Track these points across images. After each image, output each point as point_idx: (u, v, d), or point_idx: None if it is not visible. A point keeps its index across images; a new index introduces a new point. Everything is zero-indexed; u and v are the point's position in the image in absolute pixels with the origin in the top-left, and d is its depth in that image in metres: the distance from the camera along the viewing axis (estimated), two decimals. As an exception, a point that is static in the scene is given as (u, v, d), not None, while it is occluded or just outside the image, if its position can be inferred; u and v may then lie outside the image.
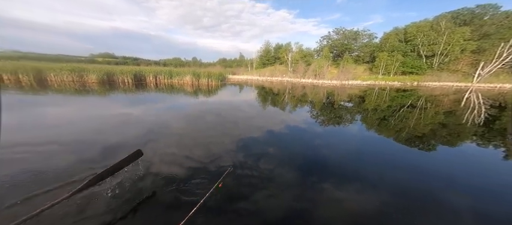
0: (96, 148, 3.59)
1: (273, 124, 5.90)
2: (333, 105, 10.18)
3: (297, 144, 4.51)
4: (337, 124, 6.46)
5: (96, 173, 2.22)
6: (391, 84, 25.60)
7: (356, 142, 4.95)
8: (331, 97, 13.22)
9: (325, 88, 18.62)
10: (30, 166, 2.88)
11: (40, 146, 3.56)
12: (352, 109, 9.18)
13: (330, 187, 2.85)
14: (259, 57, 39.19)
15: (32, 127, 4.74)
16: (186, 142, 4.14)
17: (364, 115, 8.11)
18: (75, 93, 9.85)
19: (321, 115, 7.76)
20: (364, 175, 3.32)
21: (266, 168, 3.24)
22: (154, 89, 12.75)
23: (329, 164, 3.60)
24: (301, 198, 2.54)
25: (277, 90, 16.34)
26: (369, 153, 4.29)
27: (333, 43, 37.29)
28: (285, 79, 27.43)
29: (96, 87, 12.06)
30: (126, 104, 8.09)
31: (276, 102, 10.66)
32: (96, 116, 5.93)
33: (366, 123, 6.83)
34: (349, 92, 16.47)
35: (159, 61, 53.62)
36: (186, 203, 2.25)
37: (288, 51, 32.92)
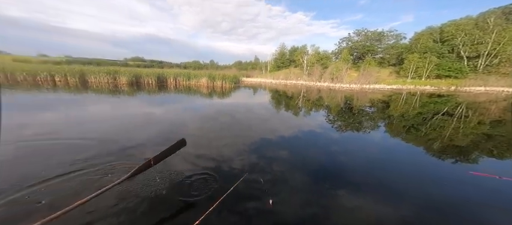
0: (123, 142, 3.91)
1: (286, 128, 5.73)
2: (351, 109, 9.50)
3: (311, 149, 4.29)
4: (356, 130, 5.98)
5: (144, 161, 2.20)
6: (422, 88, 22.94)
7: (378, 149, 4.50)
8: (350, 101, 12.38)
9: (342, 92, 17.56)
10: (82, 154, 3.30)
11: (84, 139, 4.05)
12: (374, 115, 8.42)
13: (345, 195, 2.65)
14: (274, 60, 39.11)
15: (78, 122, 5.46)
16: (201, 142, 4.25)
17: (388, 121, 7.36)
18: (109, 93, 11.15)
19: (338, 120, 7.29)
20: (385, 184, 2.99)
21: (278, 171, 3.15)
22: (173, 90, 13.64)
23: (345, 171, 3.36)
24: (313, 204, 2.43)
25: (291, 93, 15.99)
26: (393, 162, 3.85)
27: (353, 45, 35.23)
28: (299, 82, 26.76)
29: (126, 88, 13.48)
30: (150, 104, 8.76)
31: (290, 105, 10.41)
32: (124, 115, 6.53)
33: (390, 130, 6.17)
34: (371, 97, 15.23)
35: (180, 64, 57.44)
36: (198, 204, 2.28)
37: (303, 54, 32.19)
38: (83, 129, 4.70)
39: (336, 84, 24.31)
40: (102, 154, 3.33)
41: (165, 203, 2.29)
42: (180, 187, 2.59)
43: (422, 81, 25.65)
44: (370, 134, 5.61)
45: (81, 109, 7.02)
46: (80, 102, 8.23)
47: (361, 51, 34.21)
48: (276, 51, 39.68)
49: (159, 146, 3.58)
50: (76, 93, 10.47)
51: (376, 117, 8.05)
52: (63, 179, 2.59)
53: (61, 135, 4.17)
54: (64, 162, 2.99)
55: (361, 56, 34.73)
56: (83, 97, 9.35)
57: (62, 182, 2.52)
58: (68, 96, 9.43)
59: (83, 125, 5.11)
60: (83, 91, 10.87)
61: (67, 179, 2.60)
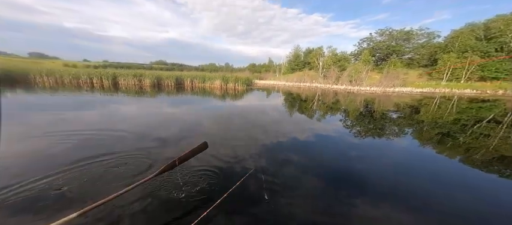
0: (145, 138, 4.21)
1: (300, 131, 5.51)
2: (372, 114, 8.74)
3: (326, 153, 4.07)
4: (378, 136, 5.45)
5: (170, 160, 2.31)
6: (460, 92, 20.06)
7: (404, 158, 4.04)
8: (371, 105, 11.41)
9: (362, 96, 16.32)
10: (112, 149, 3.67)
11: (121, 137, 4.49)
12: (400, 121, 7.58)
13: (364, 204, 2.42)
14: (288, 62, 38.58)
15: (110, 120, 6.13)
16: (214, 140, 4.33)
17: (418, 128, 6.56)
18: (135, 94, 12.29)
19: (357, 125, 6.76)
20: (413, 196, 2.64)
21: (290, 175, 3.04)
22: (190, 92, 14.39)
23: (365, 179, 3.07)
24: (327, 210, 2.27)
25: (305, 96, 15.45)
26: (423, 172, 3.38)
27: (375, 45, 32.76)
28: (313, 85, 25.78)
29: (149, 89, 14.73)
30: (169, 105, 9.31)
31: (304, 108, 10.03)
32: (147, 114, 7.02)
33: (420, 138, 5.46)
34: (396, 100, 13.83)
35: (198, 67, 60.59)
36: (205, 200, 2.30)
37: (319, 56, 31.05)
38: (112, 126, 5.19)
39: (354, 86, 22.74)
40: (126, 148, 3.62)
41: (175, 200, 2.33)
42: (194, 183, 2.62)
43: (461, 84, 22.42)
44: (395, 141, 5.06)
45: (112, 108, 7.85)
46: (112, 101, 9.21)
47: (384, 51, 31.59)
48: (290, 53, 39.08)
49: (176, 142, 4.00)
50: (108, 94, 11.78)
51: (402, 123, 7.23)
52: (88, 168, 2.86)
53: (92, 129, 4.66)
54: (93, 154, 3.32)
55: (384, 57, 32.07)
56: (114, 98, 10.44)
57: (87, 172, 2.79)
58: (103, 97, 10.64)
59: (112, 122, 5.67)
60: (114, 93, 12.19)
61: (93, 168, 2.86)
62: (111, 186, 2.47)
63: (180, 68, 53.96)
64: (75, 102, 8.53)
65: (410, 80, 24.58)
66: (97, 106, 7.83)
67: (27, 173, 2.64)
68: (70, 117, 5.88)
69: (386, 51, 31.29)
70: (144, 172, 2.83)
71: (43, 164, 2.92)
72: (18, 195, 2.25)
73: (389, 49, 30.88)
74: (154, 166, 3.01)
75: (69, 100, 8.92)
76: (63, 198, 2.26)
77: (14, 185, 2.40)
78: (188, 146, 2.55)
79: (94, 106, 7.91)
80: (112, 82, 16.07)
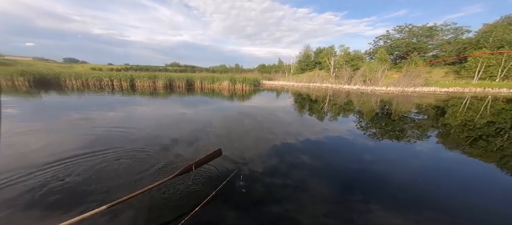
0: (147, 139, 4.40)
1: (308, 133, 5.29)
2: (390, 115, 8.12)
3: (337, 156, 3.86)
4: (396, 139, 5.04)
5: (186, 164, 2.46)
6: (494, 91, 17.81)
7: (426, 162, 3.66)
8: (388, 106, 10.64)
9: (377, 96, 15.30)
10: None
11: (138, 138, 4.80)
12: (423, 123, 6.94)
13: (380, 210, 2.23)
14: (298, 62, 37.85)
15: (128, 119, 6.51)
16: (221, 141, 4.40)
17: (444, 131, 5.94)
18: (150, 95, 12.99)
19: (372, 127, 6.32)
20: (438, 203, 2.36)
21: (299, 177, 2.93)
22: (200, 92, 14.82)
23: (381, 184, 2.85)
24: (337, 215, 2.14)
25: (315, 96, 14.94)
26: (449, 178, 3.01)
27: (393, 43, 30.71)
28: (324, 85, 24.86)
29: (162, 90, 15.47)
30: (180, 105, 9.67)
31: (314, 109, 9.68)
32: (159, 115, 7.33)
33: (446, 141, 4.93)
34: (417, 101, 12.74)
35: (209, 68, 62.32)
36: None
37: (330, 55, 29.96)
38: (131, 125, 5.48)
39: (368, 86, 21.42)
40: (143, 146, 3.79)
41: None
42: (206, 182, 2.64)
43: (497, 83, 19.93)
44: (416, 145, 4.62)
45: (131, 108, 8.33)
46: (131, 102, 9.81)
47: (404, 49, 29.44)
48: (300, 53, 38.34)
49: (189, 142, 4.13)
50: (127, 95, 12.60)
51: (425, 125, 6.59)
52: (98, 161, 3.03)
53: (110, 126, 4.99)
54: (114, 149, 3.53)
55: (404, 55, 29.84)
56: (132, 99, 11.11)
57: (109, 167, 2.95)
58: (123, 98, 11.40)
59: (130, 121, 5.99)
60: (132, 93, 13.01)
61: (104, 161, 3.02)
62: (133, 182, 2.58)
63: (193, 69, 55.95)
64: (99, 103, 9.24)
65: (434, 79, 22.54)
66: (119, 106, 8.34)
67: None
68: (96, 115, 6.32)
69: (406, 49, 29.12)
70: (157, 169, 2.92)
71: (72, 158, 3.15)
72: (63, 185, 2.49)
73: (409, 47, 28.69)
74: (169, 164, 3.09)
75: (94, 101, 9.70)
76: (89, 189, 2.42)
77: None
78: (200, 147, 2.58)
79: (116, 106, 8.44)
80: (130, 84, 17.19)
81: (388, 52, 29.48)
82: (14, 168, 2.78)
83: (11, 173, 2.65)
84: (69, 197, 2.26)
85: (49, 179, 2.57)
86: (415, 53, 27.28)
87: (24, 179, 2.55)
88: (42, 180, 2.54)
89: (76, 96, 10.80)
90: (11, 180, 2.52)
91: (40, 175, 2.66)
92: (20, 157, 3.18)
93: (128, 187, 2.45)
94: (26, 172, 2.69)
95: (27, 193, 2.29)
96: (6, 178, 2.56)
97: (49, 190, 2.36)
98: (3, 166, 2.86)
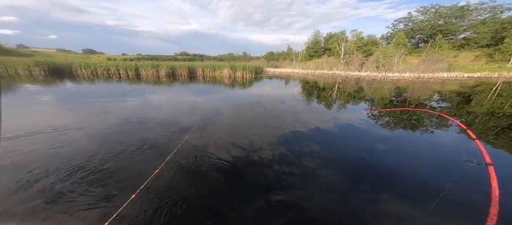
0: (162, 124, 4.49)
1: (318, 121, 5.01)
2: (404, 103, 7.38)
3: (347, 145, 3.63)
4: (411, 128, 4.56)
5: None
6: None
7: (445, 153, 3.32)
8: (404, 93, 9.71)
9: (391, 83, 13.93)
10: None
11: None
12: (443, 111, 6.18)
13: (391, 200, 2.16)
14: (306, 49, 35.68)
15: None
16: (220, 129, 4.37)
17: (466, 120, 5.25)
18: (153, 83, 13.16)
19: (385, 115, 5.80)
20: (451, 199, 2.12)
21: (307, 165, 2.80)
22: (202, 81, 14.74)
23: (395, 174, 2.69)
24: (346, 204, 2.10)
25: (323, 84, 14.09)
26: (468, 171, 2.66)
27: (415, 25, 27.16)
28: (331, 72, 23.28)
29: (164, 79, 15.65)
30: (183, 94, 9.71)
31: (321, 97, 9.15)
32: (163, 102, 7.40)
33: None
34: (439, 88, 11.40)
35: (216, 57, 61.73)
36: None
37: (340, 41, 27.62)
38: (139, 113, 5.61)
39: (380, 73, 19.56)
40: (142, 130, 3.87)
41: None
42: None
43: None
44: (433, 135, 4.17)
45: (140, 97, 8.44)
46: (139, 91, 9.94)
47: (428, 32, 25.94)
48: (309, 40, 35.98)
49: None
50: (133, 83, 12.87)
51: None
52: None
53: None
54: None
55: (427, 39, 26.40)
56: (139, 87, 11.28)
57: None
58: (130, 87, 11.68)
59: (139, 110, 6.11)
60: (137, 82, 13.28)
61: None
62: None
63: (201, 58, 55.84)
64: (110, 91, 9.53)
65: (461, 63, 19.85)
66: (132, 94, 8.53)
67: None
68: (112, 104, 6.55)
69: (430, 32, 25.60)
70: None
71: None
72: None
73: (433, 30, 25.15)
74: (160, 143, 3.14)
75: (105, 89, 10.02)
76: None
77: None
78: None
79: (129, 94, 8.66)
80: (135, 73, 17.62)
81: (408, 36, 26.31)
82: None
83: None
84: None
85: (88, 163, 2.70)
86: (440, 36, 23.90)
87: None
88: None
89: (91, 85, 11.21)
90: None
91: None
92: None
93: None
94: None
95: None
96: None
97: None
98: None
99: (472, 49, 22.99)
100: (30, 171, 2.48)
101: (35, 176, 2.39)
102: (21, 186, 2.23)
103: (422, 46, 26.52)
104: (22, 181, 2.31)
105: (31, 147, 3.13)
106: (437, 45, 23.17)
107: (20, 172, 2.45)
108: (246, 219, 1.85)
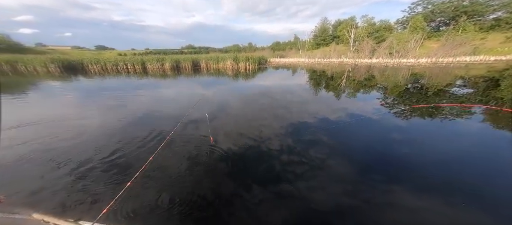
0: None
1: (328, 111, 4.84)
2: (422, 90, 6.88)
3: (357, 134, 3.44)
4: (429, 116, 4.21)
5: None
6: None
7: (466, 143, 3.07)
8: (422, 80, 9.03)
9: (406, 70, 12.94)
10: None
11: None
12: (465, 98, 5.69)
13: (403, 192, 2.04)
14: (313, 38, 33.97)
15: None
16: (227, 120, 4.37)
17: (492, 108, 4.68)
18: (159, 76, 13.38)
19: (401, 103, 5.42)
20: (475, 191, 1.99)
21: (316, 157, 2.72)
22: (206, 73, 14.70)
23: (408, 165, 2.53)
24: (355, 195, 2.00)
25: (331, 72, 13.47)
26: (493, 164, 2.46)
27: (435, 8, 24.47)
28: (338, 60, 22.13)
29: (169, 72, 15.85)
30: (188, 86, 9.76)
31: (330, 86, 8.75)
32: (169, 96, 7.50)
33: (496, 121, 3.94)
34: (460, 73, 10.46)
35: (222, 49, 61.01)
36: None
37: (350, 27, 25.81)
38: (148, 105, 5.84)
39: (393, 59, 18.25)
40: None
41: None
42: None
43: None
44: (452, 123, 3.86)
45: (149, 91, 8.63)
46: (147, 85, 10.16)
47: (450, 14, 23.29)
48: (316, 27, 34.13)
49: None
50: (140, 77, 13.15)
51: (467, 100, 5.41)
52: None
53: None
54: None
55: (448, 22, 23.79)
56: (147, 82, 11.52)
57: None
58: (138, 81, 11.97)
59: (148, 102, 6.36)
60: (144, 76, 13.55)
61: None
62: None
63: (207, 51, 55.56)
64: (120, 85, 9.84)
65: (489, 46, 17.77)
66: (143, 88, 8.72)
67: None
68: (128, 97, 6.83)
69: (452, 14, 22.95)
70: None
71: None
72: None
73: (457, 11, 22.48)
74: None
75: (116, 84, 10.37)
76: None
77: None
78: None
79: (140, 88, 8.85)
80: (142, 67, 18.02)
81: (427, 19, 23.86)
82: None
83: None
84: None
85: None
86: (464, 18, 21.35)
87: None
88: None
89: (103, 79, 11.66)
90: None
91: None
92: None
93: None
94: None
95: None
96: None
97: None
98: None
99: (503, 30, 20.40)
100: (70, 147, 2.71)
101: (64, 155, 2.71)
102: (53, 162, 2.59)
103: (444, 30, 24.02)
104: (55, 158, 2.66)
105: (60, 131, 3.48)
106: (461, 27, 20.86)
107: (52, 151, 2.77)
108: (255, 208, 1.84)
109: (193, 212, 1.79)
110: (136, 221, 1.72)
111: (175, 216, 1.75)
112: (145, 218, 1.74)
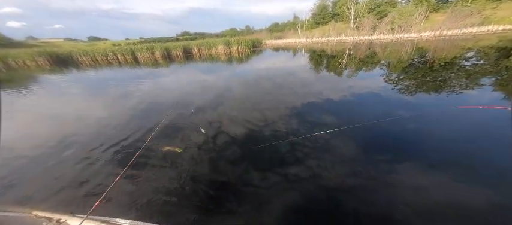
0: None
1: (332, 91, 4.62)
2: (427, 64, 6.59)
3: (361, 112, 3.31)
4: (435, 91, 4.02)
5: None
6: None
7: (477, 119, 2.87)
8: (427, 53, 8.59)
9: (409, 44, 12.27)
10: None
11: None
12: (474, 69, 5.37)
13: (409, 170, 1.99)
14: (312, 16, 32.00)
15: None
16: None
17: (505, 78, 4.50)
18: (151, 65, 12.78)
19: (405, 79, 5.16)
20: (484, 171, 1.90)
21: (321, 137, 2.63)
22: (198, 59, 14.08)
23: (413, 143, 2.43)
24: (360, 174, 1.97)
25: (331, 51, 12.83)
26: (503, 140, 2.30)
27: None
28: (337, 38, 21.08)
29: (161, 60, 15.30)
30: (181, 74, 9.42)
31: (331, 66, 8.31)
32: (161, 87, 7.34)
33: (505, 90, 3.79)
34: (467, 45, 9.96)
35: (219, 33, 58.31)
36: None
37: (350, 3, 24.04)
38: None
39: (395, 34, 17.30)
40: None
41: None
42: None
43: None
44: (460, 97, 3.67)
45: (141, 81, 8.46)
46: (138, 75, 9.82)
47: None
48: (315, 5, 31.99)
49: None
50: (132, 67, 12.51)
51: (477, 72, 5.11)
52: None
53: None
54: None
55: (458, -9, 21.73)
56: (138, 72, 11.05)
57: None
58: (131, 71, 11.46)
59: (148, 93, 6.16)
60: (136, 65, 12.92)
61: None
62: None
63: (202, 37, 53.20)
64: (116, 76, 9.48)
65: (501, 15, 16.40)
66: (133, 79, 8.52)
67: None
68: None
69: None
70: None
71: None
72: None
73: None
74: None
75: (110, 75, 9.96)
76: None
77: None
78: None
79: (135, 79, 8.59)
80: (132, 57, 17.42)
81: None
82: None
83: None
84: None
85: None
86: None
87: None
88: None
89: (95, 71, 11.20)
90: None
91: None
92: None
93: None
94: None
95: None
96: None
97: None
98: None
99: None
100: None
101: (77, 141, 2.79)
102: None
103: (453, 1, 22.08)
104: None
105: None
106: (470, -5, 19.07)
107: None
108: (262, 191, 1.79)
109: (194, 200, 1.75)
110: (131, 212, 1.65)
111: (185, 201, 1.75)
112: (141, 209, 1.68)
